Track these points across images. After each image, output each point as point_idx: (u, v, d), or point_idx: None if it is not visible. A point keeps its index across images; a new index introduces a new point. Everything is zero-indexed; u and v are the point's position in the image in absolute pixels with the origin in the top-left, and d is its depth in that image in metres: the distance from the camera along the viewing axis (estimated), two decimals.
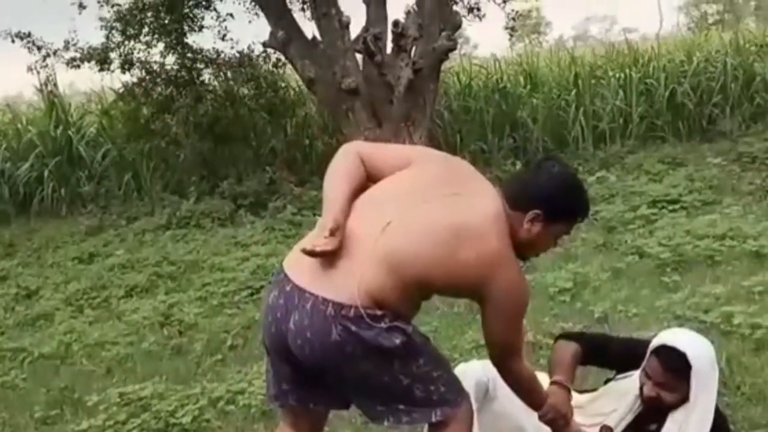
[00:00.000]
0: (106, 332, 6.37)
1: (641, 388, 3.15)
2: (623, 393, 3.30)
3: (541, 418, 3.04)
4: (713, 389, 3.09)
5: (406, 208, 2.60)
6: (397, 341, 2.51)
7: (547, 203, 2.68)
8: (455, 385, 2.76)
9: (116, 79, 12.47)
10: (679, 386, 3.06)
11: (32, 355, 6.05)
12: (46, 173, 11.46)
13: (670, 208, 7.97)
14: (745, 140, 10.39)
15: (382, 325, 2.50)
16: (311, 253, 2.54)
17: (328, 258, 2.55)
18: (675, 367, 3.04)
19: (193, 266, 8.04)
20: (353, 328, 2.48)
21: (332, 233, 2.53)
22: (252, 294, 6.88)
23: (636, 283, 6.07)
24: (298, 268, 2.63)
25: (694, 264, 6.27)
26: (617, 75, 12.66)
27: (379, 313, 2.50)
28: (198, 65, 12.17)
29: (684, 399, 3.08)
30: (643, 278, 6.16)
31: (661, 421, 3.14)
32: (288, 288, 2.62)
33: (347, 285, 2.50)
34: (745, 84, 12.09)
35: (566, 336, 3.57)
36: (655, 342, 3.16)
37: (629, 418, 3.25)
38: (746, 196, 8.20)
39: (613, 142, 11.48)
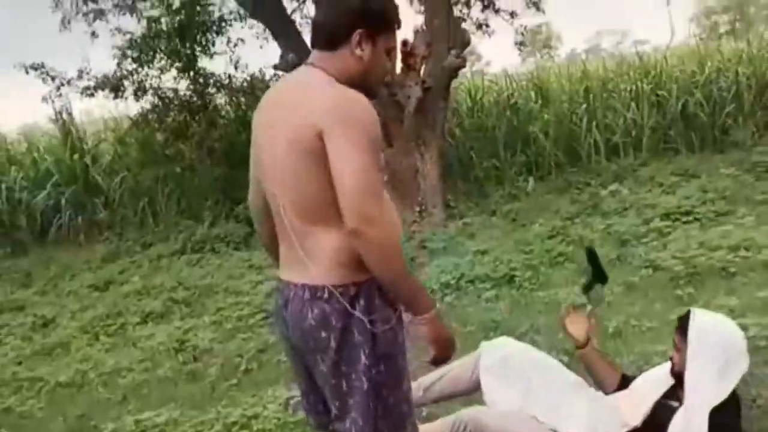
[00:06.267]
0: (121, 359, 6.39)
1: None
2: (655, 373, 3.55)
3: (419, 321, 2.57)
4: (708, 367, 3.20)
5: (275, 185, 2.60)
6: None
7: (357, 16, 2.53)
8: (393, 422, 2.60)
9: (132, 107, 12.59)
10: (684, 349, 3.27)
11: (49, 384, 6.05)
12: (63, 201, 11.51)
13: (684, 220, 7.91)
14: (758, 149, 10.32)
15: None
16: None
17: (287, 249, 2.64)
18: (680, 328, 3.33)
19: (207, 291, 8.06)
20: (327, 309, 2.49)
21: None
22: (266, 317, 6.86)
23: (650, 296, 6.04)
24: (281, 265, 2.72)
25: (708, 276, 6.22)
26: (628, 87, 12.64)
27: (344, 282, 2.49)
28: (210, 90, 12.27)
29: None
30: (656, 292, 6.12)
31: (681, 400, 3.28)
32: (281, 287, 2.69)
33: (310, 266, 2.53)
34: (758, 93, 12.01)
35: None
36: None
37: (660, 390, 3.42)
38: (760, 206, 8.13)
39: (626, 154, 11.43)
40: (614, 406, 3.54)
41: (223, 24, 12.13)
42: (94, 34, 12.01)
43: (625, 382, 3.79)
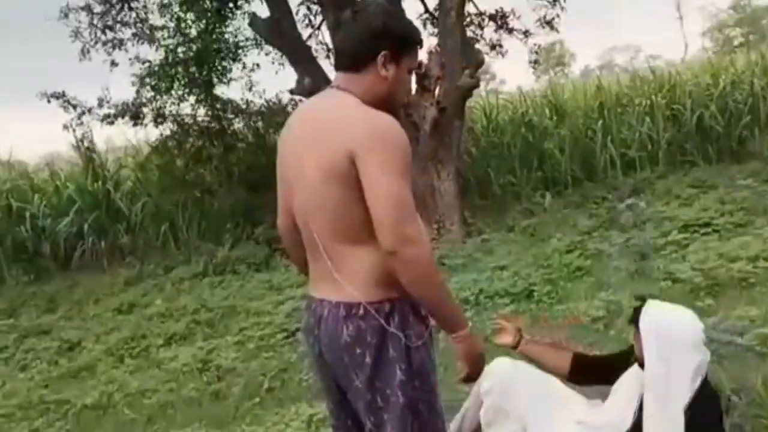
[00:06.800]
0: (146, 381, 6.41)
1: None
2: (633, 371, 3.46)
3: (454, 339, 2.58)
4: (661, 359, 3.17)
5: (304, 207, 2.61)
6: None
7: (382, 38, 2.55)
8: None
9: (152, 133, 12.70)
10: (640, 340, 3.26)
11: (75, 407, 6.07)
12: (85, 227, 11.57)
13: (702, 231, 7.87)
14: None
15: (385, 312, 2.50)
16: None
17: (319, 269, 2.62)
18: (635, 319, 3.31)
19: (230, 312, 8.08)
20: (363, 325, 2.50)
21: None
22: (287, 337, 6.89)
23: None
24: (311, 283, 2.71)
25: (727, 287, 6.16)
26: (643, 102, 12.62)
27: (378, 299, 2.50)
28: (228, 116, 12.37)
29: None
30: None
31: None
32: (313, 305, 2.67)
33: (344, 284, 2.52)
34: None
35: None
36: None
37: (640, 386, 3.35)
38: None
39: (642, 168, 11.41)
40: (607, 421, 3.48)
41: (239, 51, 12.23)
42: (113, 63, 12.13)
43: (582, 360, 3.77)
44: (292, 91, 11.19)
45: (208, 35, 11.68)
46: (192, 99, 12.18)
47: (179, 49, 11.77)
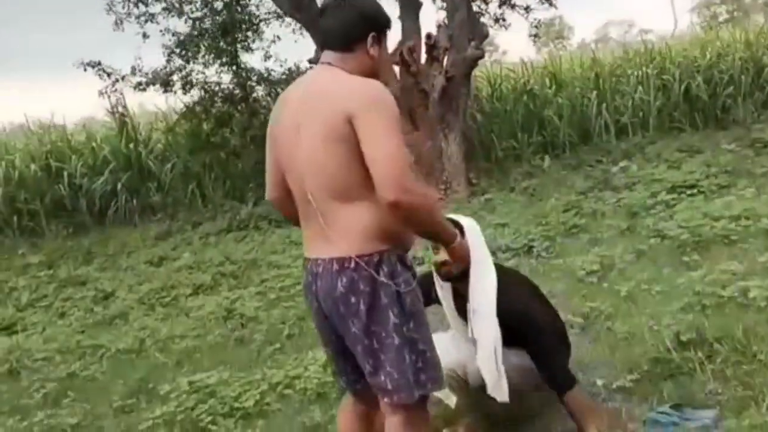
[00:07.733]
0: (175, 327, 6.41)
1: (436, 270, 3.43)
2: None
3: (451, 249, 2.85)
4: (483, 250, 3.40)
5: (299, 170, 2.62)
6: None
7: (370, 21, 2.65)
8: (434, 373, 2.64)
9: (180, 99, 12.64)
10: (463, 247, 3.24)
11: (110, 351, 6.07)
12: (119, 186, 11.59)
13: (689, 192, 7.81)
14: (757, 127, 10.27)
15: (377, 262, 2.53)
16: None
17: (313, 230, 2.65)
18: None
19: (252, 265, 8.08)
20: (355, 276, 2.52)
21: None
22: None
23: (658, 263, 5.94)
24: (306, 245, 2.74)
25: (712, 243, 6.10)
26: (635, 73, 12.54)
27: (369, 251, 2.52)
28: (251, 83, 12.31)
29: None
30: (664, 258, 6.02)
31: (467, 285, 3.34)
32: (309, 265, 2.69)
33: (336, 242, 2.55)
34: (755, 75, 11.95)
35: None
36: None
37: (449, 298, 3.53)
38: (760, 179, 8.01)
39: (634, 134, 11.39)
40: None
41: (261, 23, 12.15)
42: (145, 36, 12.04)
43: None
44: (311, 60, 11.09)
45: (233, 8, 11.61)
46: (217, 64, 12.14)
47: (206, 20, 11.71)
